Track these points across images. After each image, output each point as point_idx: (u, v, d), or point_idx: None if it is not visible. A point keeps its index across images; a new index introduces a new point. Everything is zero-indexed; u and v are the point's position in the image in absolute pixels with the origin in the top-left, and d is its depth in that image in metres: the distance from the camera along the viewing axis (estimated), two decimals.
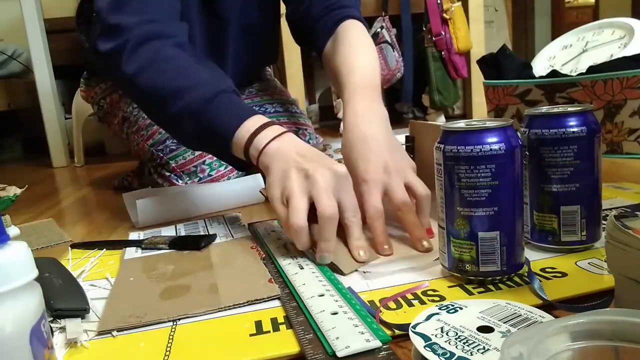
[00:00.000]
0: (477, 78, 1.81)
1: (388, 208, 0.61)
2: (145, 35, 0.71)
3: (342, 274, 0.52)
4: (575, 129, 0.50)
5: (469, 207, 0.45)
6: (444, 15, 1.82)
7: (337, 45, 0.81)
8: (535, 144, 0.51)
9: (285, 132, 0.63)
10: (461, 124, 0.47)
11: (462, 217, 0.46)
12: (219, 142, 0.66)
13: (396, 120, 2.17)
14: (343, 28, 0.83)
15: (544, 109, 0.54)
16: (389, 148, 0.65)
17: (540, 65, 1.28)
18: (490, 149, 0.44)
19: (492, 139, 0.44)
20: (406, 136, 0.73)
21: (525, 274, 0.47)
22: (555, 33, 3.29)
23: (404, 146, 0.72)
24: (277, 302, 0.47)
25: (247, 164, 0.68)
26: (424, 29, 1.86)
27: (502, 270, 0.46)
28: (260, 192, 0.65)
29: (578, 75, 1.07)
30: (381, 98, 0.73)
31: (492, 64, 1.23)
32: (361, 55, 0.78)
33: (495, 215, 0.45)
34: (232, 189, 0.89)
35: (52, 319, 0.46)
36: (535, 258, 0.51)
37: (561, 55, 1.28)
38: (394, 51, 1.77)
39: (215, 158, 0.94)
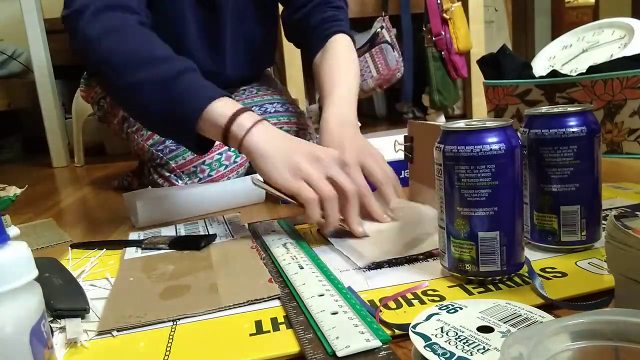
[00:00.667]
0: (477, 78, 1.81)
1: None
2: (109, 3, 0.71)
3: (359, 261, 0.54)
4: (575, 129, 0.50)
5: (469, 207, 0.45)
6: (444, 15, 1.82)
7: (325, 58, 0.89)
8: (535, 144, 0.51)
9: (263, 118, 0.65)
10: (461, 124, 0.47)
11: (462, 217, 0.46)
12: (185, 117, 0.64)
13: (396, 120, 2.16)
14: (333, 42, 0.90)
15: (544, 109, 0.54)
16: (360, 139, 0.74)
17: (540, 65, 1.28)
18: (490, 149, 0.44)
19: (492, 139, 0.44)
20: (405, 136, 0.73)
21: (526, 274, 0.47)
22: (555, 33, 3.29)
23: (403, 146, 0.74)
24: (277, 302, 0.47)
25: (206, 146, 0.69)
26: (424, 29, 1.86)
27: (502, 270, 0.46)
28: (254, 182, 0.65)
29: (578, 75, 1.07)
30: (356, 111, 0.82)
31: (492, 64, 1.23)
32: (345, 71, 0.86)
33: (495, 215, 0.45)
34: (232, 189, 0.89)
35: (52, 319, 0.46)
36: (535, 258, 0.51)
37: (561, 55, 1.28)
38: (394, 51, 1.77)
39: (215, 159, 0.94)
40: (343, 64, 0.87)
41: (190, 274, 0.56)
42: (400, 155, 0.76)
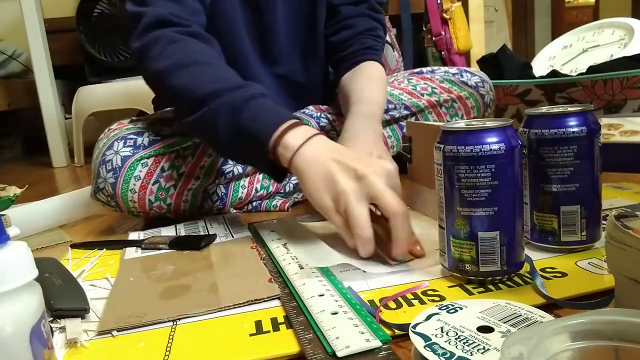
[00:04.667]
0: None
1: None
2: (174, 38, 0.70)
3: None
4: (575, 129, 0.50)
5: (469, 207, 0.45)
6: (444, 15, 1.82)
7: (356, 75, 0.86)
8: (535, 144, 0.51)
9: (317, 133, 0.60)
10: (461, 124, 0.47)
11: (462, 217, 0.46)
12: (256, 143, 0.61)
13: None
14: (365, 65, 0.88)
15: (544, 109, 0.54)
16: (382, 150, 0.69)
17: (540, 65, 1.28)
18: (490, 149, 0.44)
19: (492, 139, 0.44)
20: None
21: (526, 274, 0.47)
22: (555, 33, 3.29)
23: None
24: (277, 302, 0.47)
25: (284, 172, 0.65)
26: (424, 29, 1.86)
27: (502, 270, 0.46)
28: (300, 221, 0.63)
29: (578, 75, 1.07)
30: (381, 125, 0.77)
31: (492, 64, 1.23)
32: (373, 89, 0.82)
33: (495, 215, 0.45)
34: (68, 203, 0.90)
35: (52, 319, 0.46)
36: (535, 258, 0.51)
37: (561, 55, 1.28)
38: (394, 51, 1.77)
39: None
40: (373, 82, 0.84)
41: (190, 274, 0.56)
42: None
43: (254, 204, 0.85)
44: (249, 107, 0.62)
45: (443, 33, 1.83)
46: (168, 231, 0.73)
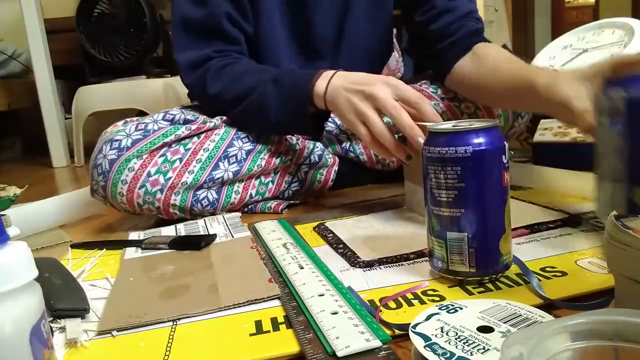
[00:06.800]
0: None
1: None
2: (221, 63, 0.85)
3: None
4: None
5: (438, 206, 0.46)
6: None
7: (486, 56, 0.81)
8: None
9: (336, 71, 0.75)
10: (448, 125, 0.48)
11: (434, 215, 0.47)
12: (299, 96, 0.76)
13: None
14: (483, 45, 0.83)
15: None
16: None
17: (541, 65, 1.27)
18: (456, 152, 0.44)
19: (460, 142, 0.44)
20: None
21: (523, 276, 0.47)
22: (555, 33, 3.29)
23: None
24: (277, 302, 0.47)
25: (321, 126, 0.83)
26: None
27: (470, 272, 0.46)
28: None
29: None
30: None
31: None
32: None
33: (462, 217, 0.45)
34: (68, 203, 0.90)
35: (52, 319, 0.46)
36: (536, 257, 0.51)
37: (561, 55, 1.28)
38: (394, 51, 1.77)
39: None
40: (515, 57, 0.78)
41: (190, 274, 0.56)
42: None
43: (249, 206, 0.85)
44: (288, 74, 0.79)
45: None
46: (168, 231, 0.73)
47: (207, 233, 0.70)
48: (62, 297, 0.48)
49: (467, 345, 0.34)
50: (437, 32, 0.87)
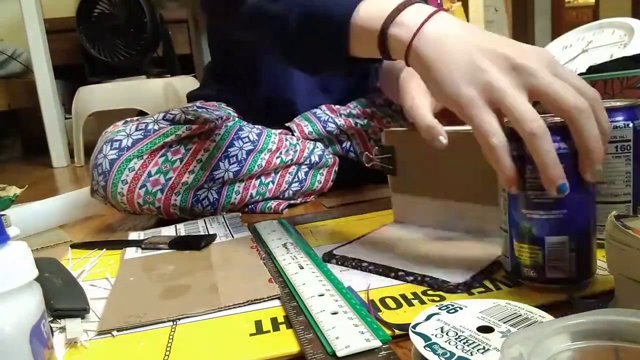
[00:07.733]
0: None
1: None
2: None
3: None
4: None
5: (535, 209, 0.42)
6: None
7: None
8: None
9: (438, 9, 0.46)
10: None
11: (527, 219, 0.43)
12: (332, 31, 0.50)
13: (395, 120, 2.16)
14: None
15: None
16: None
17: None
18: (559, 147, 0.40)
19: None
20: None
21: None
22: (555, 33, 3.29)
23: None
24: (277, 302, 0.47)
25: (361, 68, 0.54)
26: None
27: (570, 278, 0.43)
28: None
29: (578, 75, 1.07)
30: None
31: None
32: None
33: (564, 219, 0.42)
34: (69, 203, 0.90)
35: (52, 319, 0.46)
36: None
37: (561, 55, 1.28)
38: None
39: None
40: None
41: (190, 274, 0.56)
42: None
43: (250, 206, 0.85)
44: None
45: None
46: (168, 231, 0.73)
47: (207, 233, 0.70)
48: (62, 297, 0.48)
49: (467, 345, 0.34)
50: None
